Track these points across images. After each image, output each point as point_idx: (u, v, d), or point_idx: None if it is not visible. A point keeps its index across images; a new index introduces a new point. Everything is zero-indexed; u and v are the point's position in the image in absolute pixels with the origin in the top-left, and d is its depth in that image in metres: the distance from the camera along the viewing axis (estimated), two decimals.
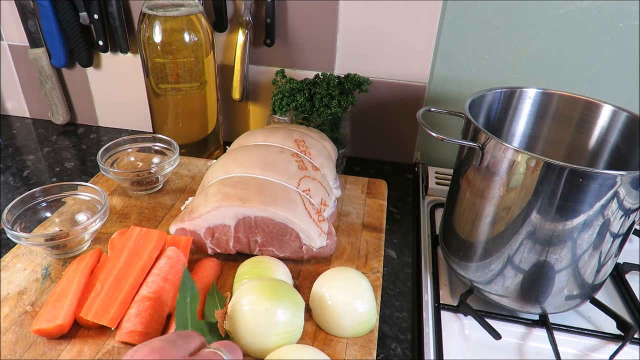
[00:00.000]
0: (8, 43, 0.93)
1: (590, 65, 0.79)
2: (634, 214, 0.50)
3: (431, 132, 0.54)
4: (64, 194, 0.65)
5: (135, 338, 0.48)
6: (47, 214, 0.64)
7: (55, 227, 0.64)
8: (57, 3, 0.83)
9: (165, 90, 0.78)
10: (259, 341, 0.47)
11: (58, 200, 0.65)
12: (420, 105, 0.84)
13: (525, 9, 0.77)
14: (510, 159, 0.49)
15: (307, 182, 0.61)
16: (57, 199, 0.65)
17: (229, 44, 0.86)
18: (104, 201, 0.61)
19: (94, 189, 0.64)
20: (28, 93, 0.99)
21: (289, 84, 0.75)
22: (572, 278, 0.53)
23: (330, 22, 0.80)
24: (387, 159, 0.92)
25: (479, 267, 0.57)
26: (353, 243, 0.65)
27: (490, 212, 0.54)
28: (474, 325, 0.57)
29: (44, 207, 0.64)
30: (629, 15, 0.74)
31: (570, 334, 0.58)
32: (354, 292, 0.52)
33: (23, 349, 0.48)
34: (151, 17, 0.72)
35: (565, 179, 0.46)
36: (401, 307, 0.59)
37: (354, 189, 0.77)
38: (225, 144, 0.86)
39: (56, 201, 0.65)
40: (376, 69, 0.83)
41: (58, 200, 0.65)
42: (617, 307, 0.61)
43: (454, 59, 0.83)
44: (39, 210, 0.64)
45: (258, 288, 0.49)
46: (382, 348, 0.53)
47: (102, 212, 0.59)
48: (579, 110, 0.62)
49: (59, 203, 0.65)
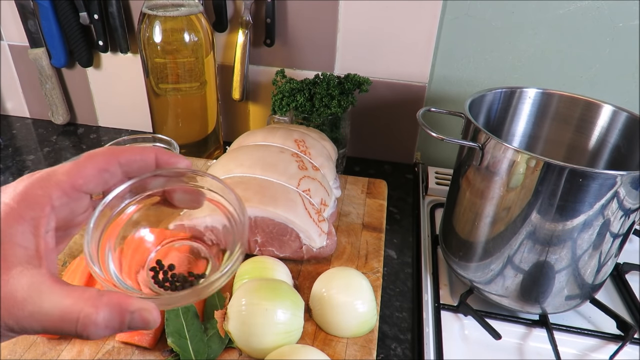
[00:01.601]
0: (8, 43, 0.93)
1: (590, 65, 0.79)
2: (634, 214, 0.50)
3: (431, 132, 0.54)
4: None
5: (135, 338, 0.48)
6: None
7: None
8: (57, 3, 0.83)
9: (165, 90, 0.78)
10: (259, 341, 0.47)
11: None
12: (420, 105, 0.84)
13: (525, 9, 0.77)
14: (510, 159, 0.49)
15: (307, 182, 0.61)
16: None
17: (229, 44, 0.86)
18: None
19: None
20: (28, 93, 0.99)
21: (289, 84, 0.75)
22: (572, 278, 0.53)
23: (330, 22, 0.80)
24: (387, 159, 0.92)
25: (479, 267, 0.57)
26: (353, 243, 0.65)
27: (490, 212, 0.54)
28: (474, 325, 0.57)
29: None
30: (629, 15, 0.74)
31: (570, 334, 0.58)
32: (354, 292, 0.52)
33: (23, 349, 0.48)
34: (151, 17, 0.72)
35: (565, 179, 0.46)
36: (401, 307, 0.59)
37: (354, 189, 0.77)
38: (225, 144, 0.86)
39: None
40: (376, 69, 0.83)
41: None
42: (617, 307, 0.61)
43: (454, 59, 0.83)
44: None
45: (258, 288, 0.49)
46: (382, 348, 0.53)
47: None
48: (579, 110, 0.62)
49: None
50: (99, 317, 0.26)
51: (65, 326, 0.26)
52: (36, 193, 0.27)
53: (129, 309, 0.27)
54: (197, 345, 0.48)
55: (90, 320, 0.25)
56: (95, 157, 0.30)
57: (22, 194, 0.27)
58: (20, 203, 0.27)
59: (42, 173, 0.29)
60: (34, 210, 0.27)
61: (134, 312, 0.27)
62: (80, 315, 0.25)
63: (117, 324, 0.26)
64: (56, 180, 0.28)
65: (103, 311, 0.26)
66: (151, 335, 0.49)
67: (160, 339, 0.50)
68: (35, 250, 0.27)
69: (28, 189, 0.27)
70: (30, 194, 0.27)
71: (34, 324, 0.25)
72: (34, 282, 0.26)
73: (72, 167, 0.29)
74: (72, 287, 0.27)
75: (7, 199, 0.27)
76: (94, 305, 0.26)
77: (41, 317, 0.25)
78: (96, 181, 0.30)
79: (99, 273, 0.29)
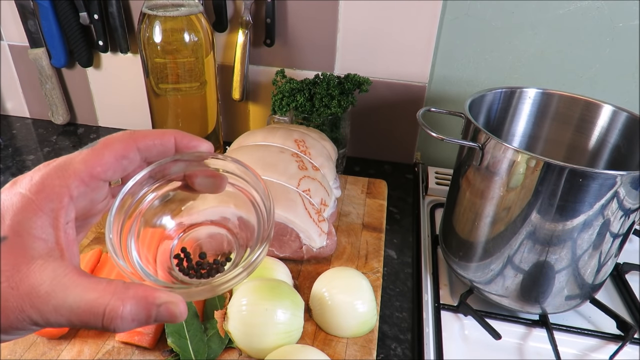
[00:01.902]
0: (8, 43, 0.93)
1: (590, 65, 0.79)
2: (634, 214, 0.50)
3: (431, 132, 0.54)
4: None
5: (135, 338, 0.48)
6: None
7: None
8: (57, 3, 0.83)
9: (165, 90, 0.78)
10: (259, 341, 0.47)
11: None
12: (420, 105, 0.84)
13: (525, 9, 0.77)
14: (510, 159, 0.49)
15: (307, 182, 0.61)
16: None
17: (229, 44, 0.86)
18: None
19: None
20: (28, 93, 0.99)
21: (289, 84, 0.75)
22: (572, 278, 0.53)
23: (330, 22, 0.80)
24: (387, 159, 0.92)
25: (479, 267, 0.57)
26: (353, 243, 0.65)
27: (490, 212, 0.54)
28: (474, 325, 0.57)
29: None
30: (629, 15, 0.74)
31: (570, 334, 0.58)
32: (354, 292, 0.52)
33: (23, 349, 0.48)
34: (151, 17, 0.72)
35: (565, 179, 0.46)
36: (401, 307, 0.59)
37: (354, 189, 0.77)
38: (225, 144, 0.86)
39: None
40: (376, 69, 0.83)
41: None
42: (617, 307, 0.61)
43: (454, 59, 0.83)
44: None
45: (258, 288, 0.49)
46: (382, 348, 0.53)
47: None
48: (579, 110, 0.62)
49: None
50: (125, 311, 0.25)
51: (91, 320, 0.25)
52: (54, 183, 0.27)
53: (155, 302, 0.26)
54: (197, 345, 0.48)
55: (117, 314, 0.25)
56: (113, 144, 0.29)
57: (39, 185, 0.26)
58: (38, 194, 0.26)
59: (58, 162, 0.28)
60: (52, 201, 0.26)
61: (161, 306, 0.26)
62: (107, 309, 0.25)
63: (143, 317, 0.26)
64: (74, 170, 0.27)
65: (130, 304, 0.25)
66: (151, 335, 0.49)
67: (160, 339, 0.50)
68: (55, 242, 0.26)
69: (45, 179, 0.26)
70: (48, 184, 0.26)
71: (59, 317, 0.25)
72: (57, 276, 0.25)
73: (89, 154, 0.28)
74: (97, 280, 0.26)
75: (23, 190, 0.26)
76: (120, 299, 0.25)
77: (66, 311, 0.25)
78: (115, 168, 0.29)
79: (124, 267, 0.28)
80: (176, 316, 0.27)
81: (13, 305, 0.24)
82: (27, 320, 0.25)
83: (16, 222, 0.25)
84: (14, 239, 0.25)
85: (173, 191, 0.33)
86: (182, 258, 0.34)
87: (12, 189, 0.26)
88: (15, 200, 0.26)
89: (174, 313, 0.26)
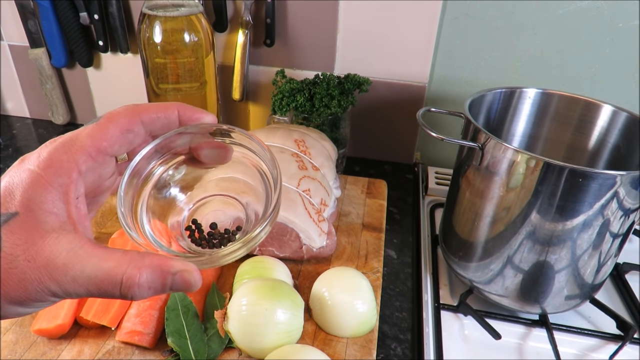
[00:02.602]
0: (8, 43, 0.93)
1: (590, 65, 0.79)
2: (634, 214, 0.50)
3: (431, 132, 0.54)
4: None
5: (135, 338, 0.48)
6: None
7: None
8: (57, 3, 0.83)
9: (165, 90, 0.78)
10: (259, 341, 0.47)
11: None
12: (420, 106, 0.84)
13: (525, 9, 0.77)
14: (510, 159, 0.49)
15: (307, 182, 0.61)
16: None
17: (229, 44, 0.86)
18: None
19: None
20: (28, 93, 0.99)
21: (289, 84, 0.75)
22: (572, 278, 0.53)
23: (330, 22, 0.80)
24: (387, 159, 0.92)
25: (479, 267, 0.57)
26: (353, 243, 0.65)
27: (490, 212, 0.54)
28: (474, 325, 0.57)
29: None
30: (629, 15, 0.74)
31: (570, 334, 0.58)
32: (354, 292, 0.52)
33: (23, 349, 0.48)
34: (151, 17, 0.72)
35: (565, 179, 0.46)
36: (401, 307, 0.59)
37: (354, 189, 0.77)
38: None
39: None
40: (376, 69, 0.83)
41: None
42: (617, 307, 0.61)
43: (454, 59, 0.83)
44: None
45: (258, 288, 0.49)
46: (382, 348, 0.53)
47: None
48: (578, 110, 0.62)
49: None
50: (142, 279, 0.26)
51: (109, 288, 0.25)
52: (61, 159, 0.27)
53: (170, 270, 0.26)
54: (197, 345, 0.48)
55: (134, 281, 0.25)
56: (117, 118, 0.29)
57: (48, 160, 0.27)
58: (47, 170, 0.26)
59: (64, 138, 0.28)
60: (61, 176, 0.26)
61: (176, 274, 0.26)
62: (124, 277, 0.25)
63: (159, 285, 0.26)
64: (80, 145, 0.28)
65: (146, 272, 0.26)
66: (151, 335, 0.49)
67: (160, 339, 0.50)
68: (67, 216, 0.26)
69: (53, 155, 0.27)
70: (56, 159, 0.27)
71: (77, 288, 0.25)
72: (72, 247, 0.25)
73: (94, 129, 0.28)
74: (112, 250, 0.26)
75: (32, 166, 0.26)
76: (136, 267, 0.26)
77: (84, 281, 0.25)
78: (120, 142, 0.29)
79: (137, 238, 0.29)
80: (191, 284, 0.27)
81: (31, 278, 0.25)
82: (46, 291, 0.25)
83: (27, 197, 0.26)
84: (26, 214, 0.25)
85: (180, 164, 0.34)
86: (193, 230, 0.34)
87: (21, 165, 0.27)
88: (24, 176, 0.26)
89: (189, 281, 0.27)
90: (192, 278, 0.27)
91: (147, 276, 0.26)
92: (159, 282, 0.26)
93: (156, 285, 0.26)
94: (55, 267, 0.25)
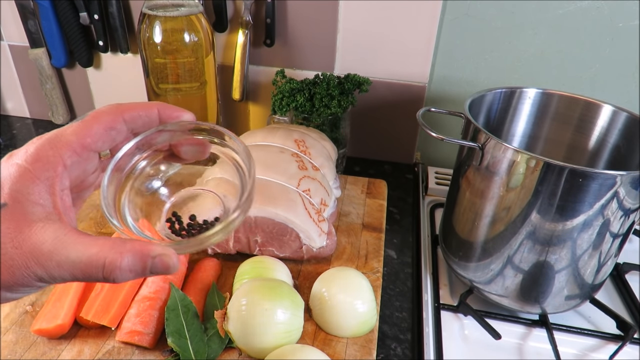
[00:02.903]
0: (8, 43, 0.93)
1: (590, 65, 0.79)
2: (634, 214, 0.50)
3: (431, 132, 0.54)
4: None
5: (135, 338, 0.48)
6: None
7: None
8: (57, 3, 0.83)
9: (165, 90, 0.78)
10: (259, 341, 0.47)
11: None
12: (420, 106, 0.84)
13: (525, 9, 0.77)
14: (510, 159, 0.49)
15: (307, 182, 0.61)
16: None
17: (229, 44, 0.86)
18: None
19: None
20: (28, 93, 0.99)
21: (289, 84, 0.75)
22: (572, 278, 0.53)
23: (330, 22, 0.80)
24: (387, 159, 0.92)
25: (479, 267, 0.57)
26: (353, 243, 0.65)
27: (490, 212, 0.54)
28: (474, 325, 0.57)
29: None
30: (629, 15, 0.74)
31: (570, 334, 0.58)
32: (354, 292, 0.52)
33: (23, 349, 0.48)
34: (151, 17, 0.72)
35: (565, 179, 0.46)
36: (401, 307, 0.59)
37: (354, 189, 0.77)
38: None
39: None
40: (376, 69, 0.83)
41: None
42: (617, 307, 0.61)
43: (454, 59, 0.83)
44: None
45: (258, 288, 0.49)
46: (382, 348, 0.53)
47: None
48: (578, 110, 0.62)
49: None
50: (123, 262, 0.27)
51: (93, 272, 0.27)
52: (48, 154, 0.28)
53: (150, 254, 0.28)
54: (197, 345, 0.48)
55: (116, 265, 0.27)
56: (101, 116, 0.31)
57: (34, 155, 0.28)
58: (34, 164, 0.28)
59: (50, 135, 0.30)
60: (47, 170, 0.28)
61: (155, 257, 0.28)
62: (106, 261, 0.27)
63: (139, 268, 0.28)
64: (66, 140, 0.29)
65: (127, 257, 0.27)
66: (151, 335, 0.49)
67: (160, 339, 0.50)
68: (53, 207, 0.28)
69: (39, 150, 0.28)
70: (42, 154, 0.28)
71: (62, 272, 0.27)
72: (57, 235, 0.27)
73: (79, 126, 0.30)
74: (95, 237, 0.28)
75: (19, 161, 0.28)
76: (118, 252, 0.27)
77: (69, 266, 0.27)
78: (104, 139, 0.31)
79: (117, 225, 0.30)
80: (169, 267, 0.29)
81: (18, 263, 0.26)
82: (33, 276, 0.27)
83: (15, 190, 0.27)
84: (14, 205, 0.27)
85: (161, 160, 0.36)
86: (173, 221, 0.36)
87: (9, 160, 0.28)
88: (12, 170, 0.28)
89: (167, 264, 0.28)
90: (171, 261, 0.28)
91: (128, 260, 0.27)
92: (140, 265, 0.28)
93: (137, 268, 0.28)
94: (41, 253, 0.26)
